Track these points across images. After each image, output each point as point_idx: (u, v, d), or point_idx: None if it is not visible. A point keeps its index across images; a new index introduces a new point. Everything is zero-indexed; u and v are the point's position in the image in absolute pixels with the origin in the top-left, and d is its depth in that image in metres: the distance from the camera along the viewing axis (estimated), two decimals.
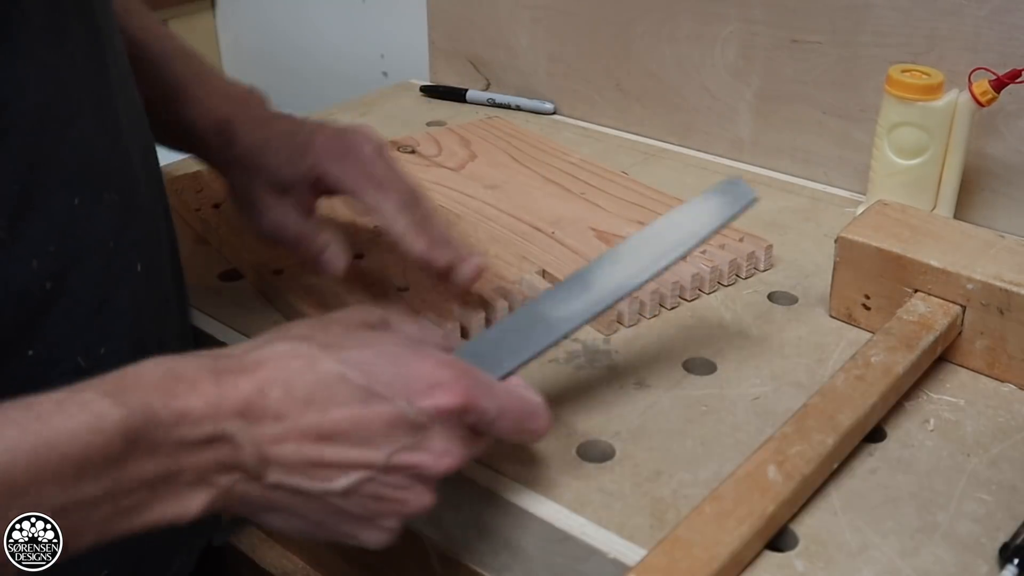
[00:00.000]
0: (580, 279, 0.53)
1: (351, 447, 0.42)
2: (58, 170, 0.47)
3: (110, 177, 0.50)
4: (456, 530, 0.56)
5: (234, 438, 0.40)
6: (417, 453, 0.43)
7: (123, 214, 0.51)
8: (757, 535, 0.46)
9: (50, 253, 0.46)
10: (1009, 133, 0.75)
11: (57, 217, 0.46)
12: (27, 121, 0.44)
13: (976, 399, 0.58)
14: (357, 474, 0.42)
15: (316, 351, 0.42)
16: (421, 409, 0.42)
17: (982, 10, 0.73)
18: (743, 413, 0.57)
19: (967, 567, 0.47)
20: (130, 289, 0.51)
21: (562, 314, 0.51)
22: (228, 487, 0.40)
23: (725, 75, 0.89)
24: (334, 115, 1.04)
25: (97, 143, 0.49)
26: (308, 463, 0.41)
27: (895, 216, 0.64)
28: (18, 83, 0.44)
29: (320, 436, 0.41)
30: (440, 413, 0.43)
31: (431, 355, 0.44)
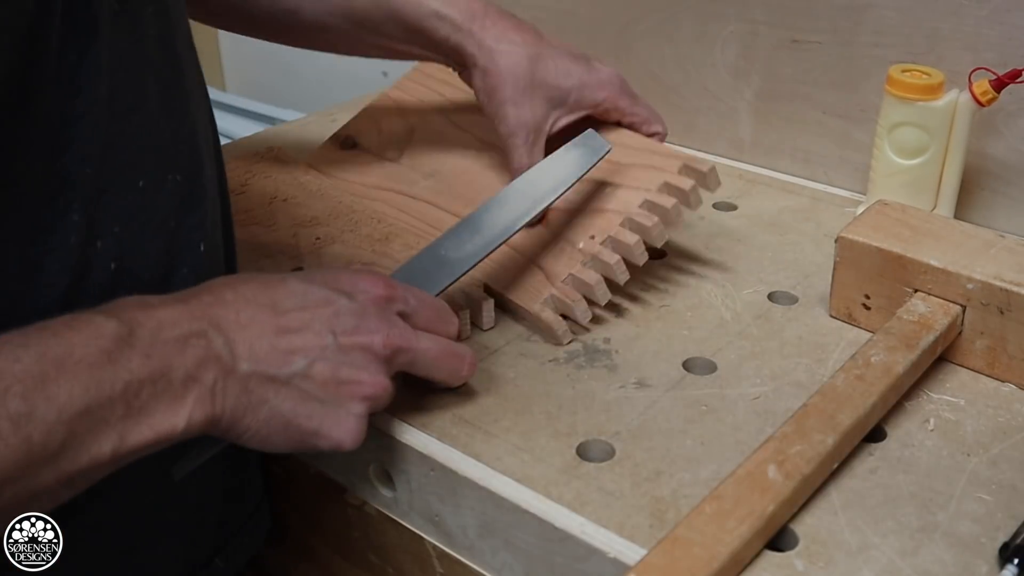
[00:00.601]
0: (470, 223, 0.61)
1: (303, 333, 0.49)
2: (126, 152, 0.49)
3: (176, 159, 0.52)
4: (456, 530, 0.56)
5: (207, 334, 0.46)
6: (359, 334, 0.50)
7: (187, 195, 0.53)
8: (757, 535, 0.46)
9: (115, 234, 0.49)
10: (1009, 133, 0.75)
11: (123, 198, 0.49)
12: (100, 105, 0.47)
13: (976, 399, 0.58)
14: (312, 353, 0.49)
15: (269, 278, 0.51)
16: (354, 296, 0.51)
17: (982, 10, 0.73)
18: (743, 413, 0.57)
19: (967, 567, 0.47)
20: (191, 268, 0.54)
21: (459, 255, 0.60)
22: (212, 384, 0.45)
23: (725, 75, 0.89)
24: (334, 115, 1.04)
25: (164, 125, 0.51)
26: (271, 350, 0.48)
27: (895, 216, 0.64)
28: (94, 68, 0.46)
29: (277, 330, 0.48)
30: (369, 299, 0.52)
31: (361, 269, 0.54)
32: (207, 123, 0.58)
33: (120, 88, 0.48)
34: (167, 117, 0.52)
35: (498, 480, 0.53)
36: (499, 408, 0.57)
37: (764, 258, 0.74)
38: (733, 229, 0.78)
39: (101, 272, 0.49)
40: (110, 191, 0.48)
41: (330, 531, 0.66)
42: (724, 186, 0.86)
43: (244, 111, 1.50)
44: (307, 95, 1.58)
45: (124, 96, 0.49)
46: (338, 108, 1.06)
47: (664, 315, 0.67)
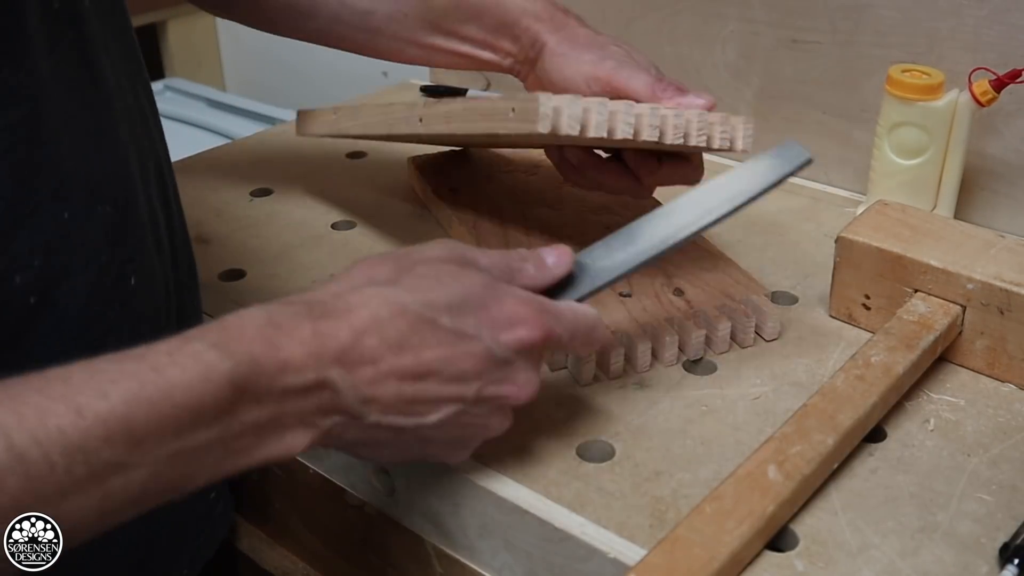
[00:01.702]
0: (628, 233, 0.54)
1: (443, 384, 0.45)
2: (47, 183, 0.46)
3: (104, 189, 0.49)
4: (456, 530, 0.56)
5: (335, 384, 0.42)
6: (504, 385, 0.47)
7: (118, 227, 0.50)
8: (757, 535, 0.46)
9: (35, 268, 0.46)
10: (1009, 133, 0.75)
11: (44, 231, 0.46)
12: (16, 133, 0.44)
13: (976, 399, 0.58)
14: (449, 408, 0.45)
15: (405, 296, 0.45)
16: (506, 345, 0.46)
17: (982, 10, 0.73)
18: (743, 413, 0.57)
19: (967, 567, 0.47)
20: (123, 303, 0.51)
21: (606, 264, 0.53)
22: (329, 428, 0.43)
23: (725, 75, 0.89)
24: None
25: (91, 155, 0.48)
26: (404, 401, 0.44)
27: (895, 216, 0.64)
28: (8, 93, 0.43)
29: (415, 376, 0.44)
30: (523, 346, 0.47)
31: (511, 294, 0.48)
32: (147, 149, 0.55)
33: (42, 115, 0.45)
34: (95, 147, 0.49)
35: (498, 480, 0.53)
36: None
37: (764, 258, 0.74)
38: (733, 229, 0.78)
39: (20, 307, 0.45)
40: (28, 224, 0.45)
41: (330, 531, 0.66)
42: None
43: (244, 111, 1.50)
44: (307, 95, 1.58)
45: (46, 124, 0.45)
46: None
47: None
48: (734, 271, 0.67)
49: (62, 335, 0.48)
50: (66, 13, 0.47)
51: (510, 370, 0.47)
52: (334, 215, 0.82)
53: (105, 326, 0.50)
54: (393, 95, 1.10)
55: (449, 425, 0.46)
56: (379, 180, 0.88)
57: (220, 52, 1.74)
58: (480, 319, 0.46)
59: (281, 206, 0.84)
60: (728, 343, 0.63)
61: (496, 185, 0.80)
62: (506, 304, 0.47)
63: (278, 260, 0.75)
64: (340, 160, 0.93)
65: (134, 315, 0.52)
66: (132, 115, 0.53)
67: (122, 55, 0.53)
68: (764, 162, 0.56)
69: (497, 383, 0.46)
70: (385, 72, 1.44)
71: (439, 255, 0.48)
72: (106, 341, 0.50)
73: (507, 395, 0.47)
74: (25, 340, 0.46)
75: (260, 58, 1.67)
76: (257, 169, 0.91)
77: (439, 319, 0.45)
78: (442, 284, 0.46)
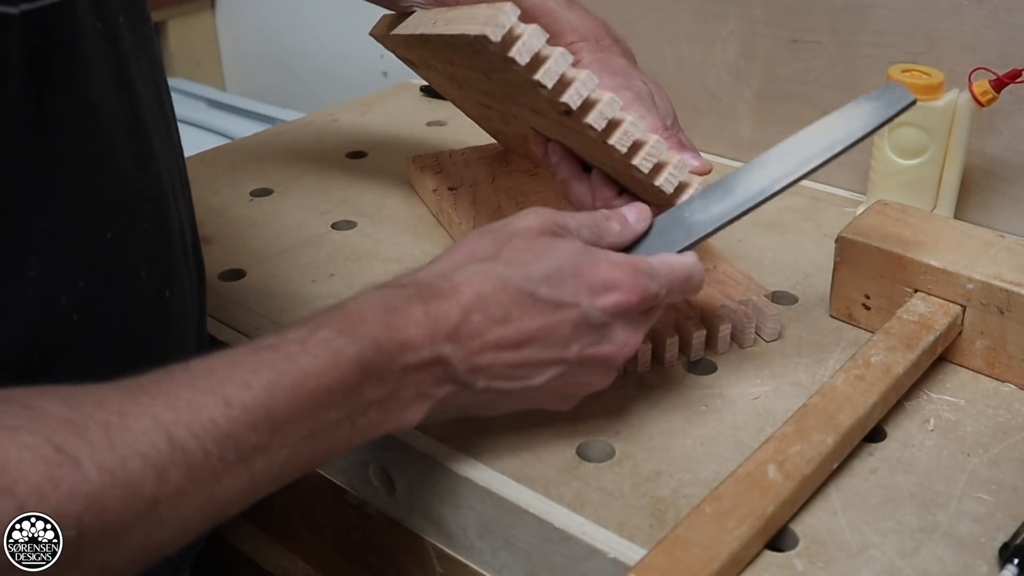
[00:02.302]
0: (723, 184, 0.54)
1: (544, 349, 0.48)
2: (93, 206, 0.47)
3: (143, 206, 0.51)
4: (456, 530, 0.56)
5: (449, 359, 0.46)
6: (602, 346, 0.50)
7: (154, 242, 0.52)
8: (757, 535, 0.46)
9: (79, 288, 0.47)
10: (1009, 133, 0.75)
11: (88, 253, 0.47)
12: (70, 155, 0.45)
13: (976, 399, 0.58)
14: (553, 370, 0.49)
15: (504, 271, 0.48)
16: (603, 309, 0.49)
17: (982, 10, 0.73)
18: (743, 413, 0.57)
19: (967, 567, 0.47)
20: (158, 316, 0.52)
21: (704, 217, 0.53)
22: (443, 397, 0.47)
23: (725, 75, 0.89)
24: (334, 115, 1.04)
25: (132, 173, 0.50)
26: (510, 366, 0.48)
27: (895, 216, 0.64)
28: (68, 120, 0.45)
29: (518, 344, 0.48)
30: (619, 310, 0.49)
31: (605, 259, 0.50)
32: (172, 160, 0.56)
33: (90, 137, 0.46)
34: (134, 164, 0.50)
35: (498, 480, 0.53)
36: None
37: (764, 258, 0.74)
38: (733, 229, 0.78)
39: (64, 325, 0.47)
40: (74, 244, 0.47)
41: (330, 531, 0.66)
42: None
43: (244, 111, 1.50)
44: (307, 95, 1.58)
45: (95, 145, 0.47)
46: (338, 108, 1.06)
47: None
48: (734, 272, 0.67)
49: (100, 348, 0.49)
50: (107, 32, 0.48)
51: (608, 331, 0.50)
52: (334, 215, 0.82)
53: (142, 338, 0.51)
54: (393, 95, 1.10)
55: (553, 384, 0.50)
56: (379, 180, 0.88)
57: (220, 52, 1.74)
58: (576, 287, 0.49)
59: (281, 206, 0.84)
60: (728, 343, 0.63)
61: (496, 185, 0.80)
62: (601, 269, 0.49)
63: (278, 260, 0.75)
64: (340, 160, 0.93)
65: (168, 325, 0.53)
66: (159, 128, 0.54)
67: (149, 67, 0.53)
68: (865, 105, 0.54)
69: (595, 345, 0.49)
70: (385, 72, 1.44)
71: (533, 225, 0.50)
72: (142, 351, 0.51)
73: (606, 354, 0.50)
74: (66, 354, 0.47)
75: (260, 58, 1.67)
76: (257, 169, 0.91)
77: (538, 291, 0.48)
78: (538, 257, 0.49)
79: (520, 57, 0.51)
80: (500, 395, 0.49)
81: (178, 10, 1.65)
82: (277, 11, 1.61)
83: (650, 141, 0.55)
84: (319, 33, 1.54)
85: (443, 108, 1.05)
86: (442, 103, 1.07)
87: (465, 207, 0.77)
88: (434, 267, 0.49)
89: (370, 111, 1.05)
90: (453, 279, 0.48)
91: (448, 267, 0.49)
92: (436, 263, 0.50)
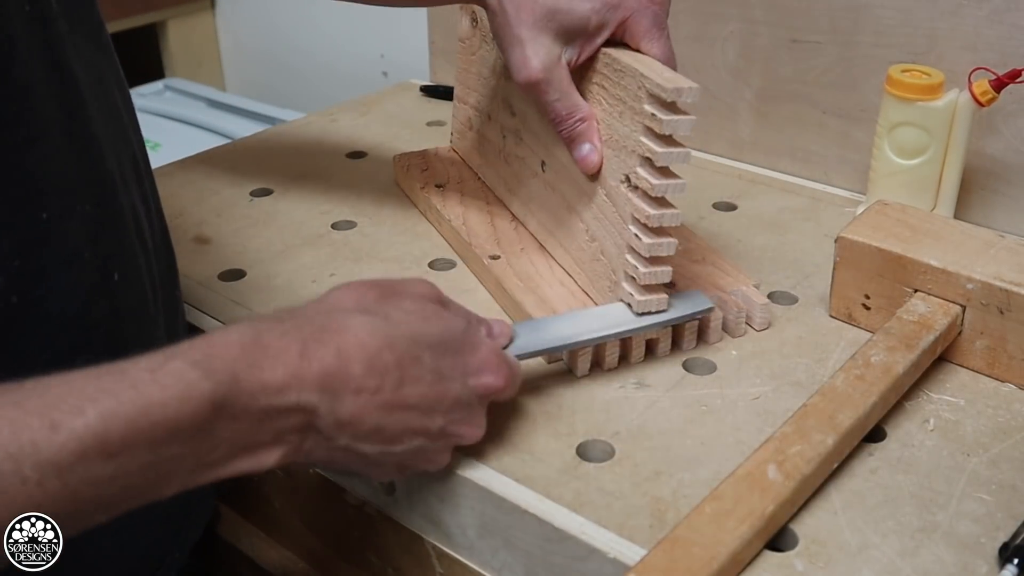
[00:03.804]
0: (550, 322, 0.59)
1: (419, 417, 0.47)
2: (23, 185, 0.46)
3: (83, 189, 0.49)
4: (456, 530, 0.56)
5: (315, 408, 0.43)
6: (463, 426, 0.50)
7: (99, 224, 0.50)
8: (757, 535, 0.46)
9: (14, 268, 0.46)
10: (1009, 133, 0.75)
11: (22, 232, 0.46)
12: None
13: (976, 399, 0.58)
14: (415, 440, 0.48)
15: (392, 329, 0.46)
16: (473, 389, 0.49)
17: (982, 10, 0.73)
18: (743, 413, 0.57)
19: (967, 567, 0.47)
20: (106, 299, 0.51)
21: (530, 340, 0.57)
22: (298, 444, 0.44)
23: (725, 75, 0.89)
24: (334, 115, 1.04)
25: (67, 156, 0.48)
26: (377, 430, 0.46)
27: (895, 216, 0.64)
28: None
29: (395, 407, 0.46)
30: (487, 392, 0.50)
31: (484, 342, 0.51)
32: (123, 145, 0.55)
33: (19, 119, 0.45)
34: (70, 147, 0.49)
35: (498, 480, 0.53)
36: (499, 408, 0.57)
37: (764, 258, 0.74)
38: (733, 229, 0.78)
39: (2, 307, 0.46)
40: (5, 226, 0.45)
41: (330, 531, 0.66)
42: (724, 186, 0.87)
43: (244, 111, 1.50)
44: (307, 95, 1.58)
45: (23, 126, 0.45)
46: (338, 108, 1.06)
47: None
48: (722, 263, 0.68)
49: (47, 332, 0.48)
50: (36, 15, 0.47)
51: (470, 412, 0.50)
52: (334, 215, 0.82)
53: (90, 322, 0.50)
54: (393, 95, 1.10)
55: (406, 455, 0.48)
56: (379, 180, 0.88)
57: (220, 52, 1.74)
58: (456, 362, 0.49)
59: (281, 206, 0.84)
60: (720, 334, 0.63)
61: (483, 181, 0.80)
62: (480, 351, 0.50)
63: (278, 260, 0.75)
64: (340, 160, 0.93)
65: (119, 310, 0.52)
66: (106, 114, 0.53)
67: (93, 54, 0.53)
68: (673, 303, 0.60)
69: (458, 423, 0.49)
70: (385, 72, 1.44)
71: (423, 292, 0.51)
72: (93, 336, 0.50)
73: (464, 435, 0.50)
74: (10, 338, 0.47)
75: (260, 58, 1.67)
76: (257, 169, 0.91)
77: (422, 356, 0.47)
78: (427, 322, 0.48)
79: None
80: (355, 457, 0.47)
81: (178, 10, 1.65)
82: (277, 11, 1.61)
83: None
84: (319, 33, 1.54)
85: (443, 108, 1.05)
86: (442, 103, 1.07)
87: (454, 204, 0.77)
88: (318, 307, 0.47)
89: (370, 111, 1.05)
90: (338, 322, 0.45)
91: (334, 310, 0.47)
92: (321, 303, 0.48)
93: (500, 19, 0.61)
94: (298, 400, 0.43)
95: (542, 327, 0.58)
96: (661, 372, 0.61)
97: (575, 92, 0.62)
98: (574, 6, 0.59)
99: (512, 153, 0.75)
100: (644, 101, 0.57)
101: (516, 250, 0.71)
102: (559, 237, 0.69)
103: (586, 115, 0.62)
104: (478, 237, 0.72)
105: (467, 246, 0.72)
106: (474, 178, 0.81)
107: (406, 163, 0.84)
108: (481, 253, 0.70)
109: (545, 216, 0.70)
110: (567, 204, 0.67)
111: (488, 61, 0.77)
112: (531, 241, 0.72)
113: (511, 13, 0.60)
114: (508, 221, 0.74)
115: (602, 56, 0.61)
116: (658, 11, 0.61)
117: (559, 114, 0.62)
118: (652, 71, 0.57)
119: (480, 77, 0.79)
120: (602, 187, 0.62)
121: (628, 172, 0.59)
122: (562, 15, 0.59)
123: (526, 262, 0.69)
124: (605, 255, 0.62)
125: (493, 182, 0.79)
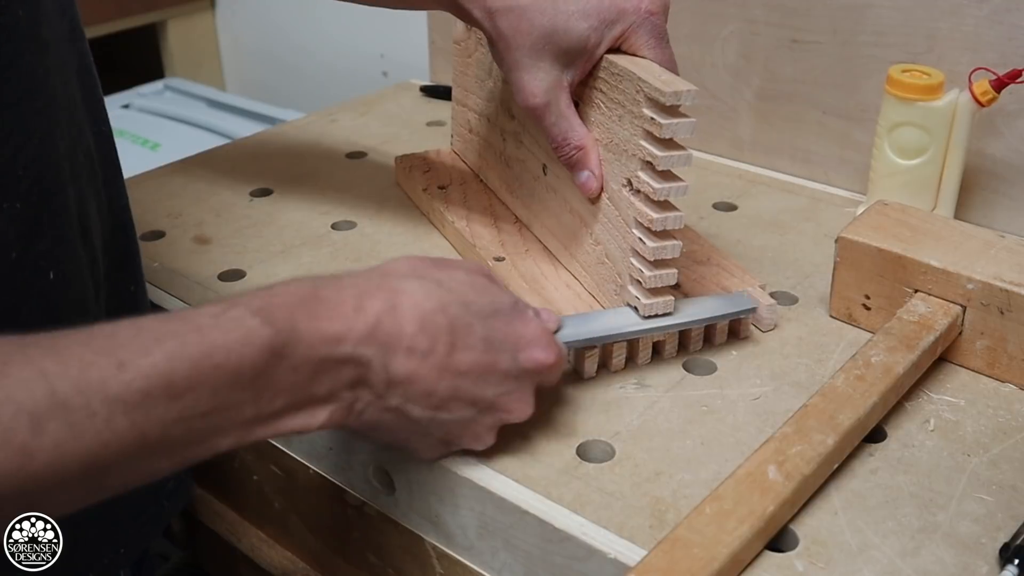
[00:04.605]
0: (596, 316, 0.60)
1: (469, 384, 0.47)
2: None
3: (13, 186, 0.48)
4: (456, 530, 0.56)
5: (370, 362, 0.44)
6: (513, 400, 0.49)
7: (31, 223, 0.49)
8: (757, 535, 0.46)
9: None
10: (1009, 133, 0.75)
11: None
12: None
13: (976, 399, 0.58)
14: (465, 410, 0.48)
15: (446, 295, 0.47)
16: (522, 362, 0.49)
17: (982, 10, 0.73)
18: (743, 413, 0.57)
19: (967, 567, 0.47)
20: (40, 299, 0.50)
21: (576, 330, 0.57)
22: (351, 402, 0.45)
23: (725, 75, 0.89)
24: (334, 115, 1.04)
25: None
26: (428, 393, 0.46)
27: (895, 216, 0.64)
28: None
29: (441, 370, 0.46)
30: (537, 367, 0.49)
31: (535, 317, 0.51)
32: (75, 136, 0.53)
33: None
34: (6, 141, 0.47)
35: (498, 480, 0.52)
36: None
37: (764, 258, 0.74)
38: (733, 229, 0.78)
39: None
40: None
41: (330, 531, 0.66)
42: (724, 186, 0.87)
43: (244, 111, 1.50)
44: (307, 95, 1.58)
45: None
46: (338, 108, 1.06)
47: None
48: (727, 264, 0.68)
49: None
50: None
51: (520, 387, 0.49)
52: (334, 215, 0.82)
53: (20, 321, 0.49)
54: (393, 95, 1.10)
55: (454, 424, 0.48)
56: (379, 180, 0.88)
57: (220, 52, 1.74)
58: (508, 333, 0.49)
59: (281, 206, 0.84)
60: (726, 335, 0.63)
61: (484, 183, 0.80)
62: (530, 325, 0.50)
63: (278, 260, 0.75)
64: (340, 160, 0.93)
65: (54, 308, 0.51)
66: (58, 105, 0.51)
67: (52, 44, 0.51)
68: (716, 301, 0.62)
69: (507, 397, 0.49)
70: (385, 72, 1.44)
71: (473, 267, 0.51)
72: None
73: (512, 410, 0.50)
74: None
75: (260, 58, 1.67)
76: (257, 169, 0.91)
77: (474, 324, 0.47)
78: (478, 293, 0.49)
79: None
80: (405, 422, 0.47)
81: (178, 10, 1.65)
82: (277, 11, 1.61)
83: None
84: (319, 33, 1.54)
85: (443, 108, 1.05)
86: (442, 103, 1.07)
87: (456, 206, 0.77)
88: (375, 270, 0.48)
89: (370, 111, 1.05)
90: (393, 284, 0.46)
91: (389, 274, 0.47)
92: (376, 269, 0.48)
93: (499, 44, 0.60)
94: (353, 352, 0.43)
95: (585, 321, 0.59)
96: (661, 372, 0.61)
97: (574, 116, 0.61)
98: (571, 26, 0.58)
99: (513, 156, 0.75)
100: (643, 105, 0.57)
101: (521, 252, 0.71)
102: (563, 240, 0.69)
103: (582, 143, 0.61)
104: (482, 239, 0.72)
105: (471, 248, 0.72)
106: (476, 180, 0.81)
107: (408, 164, 0.84)
108: (485, 255, 0.70)
109: (549, 219, 0.70)
110: (570, 207, 0.67)
111: (484, 64, 0.77)
112: (535, 243, 0.72)
113: (509, 37, 0.59)
114: (512, 223, 0.74)
115: (600, 61, 0.61)
116: (656, 21, 0.60)
117: (556, 139, 0.62)
118: (650, 75, 0.57)
119: (477, 79, 0.79)
120: (605, 191, 0.62)
121: (630, 176, 0.59)
122: (559, 36, 0.58)
123: (531, 264, 0.69)
124: (610, 258, 0.62)
125: (495, 184, 0.79)
